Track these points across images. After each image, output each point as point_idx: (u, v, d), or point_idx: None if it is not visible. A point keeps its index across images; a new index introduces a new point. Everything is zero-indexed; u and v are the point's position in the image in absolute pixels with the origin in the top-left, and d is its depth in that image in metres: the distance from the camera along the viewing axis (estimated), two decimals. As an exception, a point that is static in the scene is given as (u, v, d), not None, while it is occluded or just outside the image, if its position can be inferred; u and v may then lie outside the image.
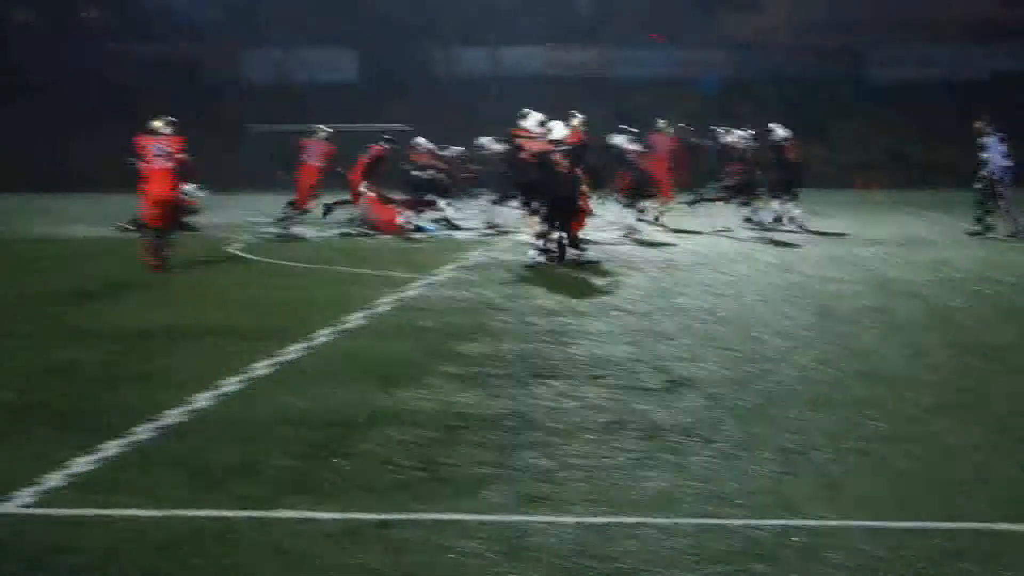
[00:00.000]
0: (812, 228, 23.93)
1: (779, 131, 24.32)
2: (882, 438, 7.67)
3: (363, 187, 24.38)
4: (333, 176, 25.09)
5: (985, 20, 64.73)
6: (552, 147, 18.75)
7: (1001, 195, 22.16)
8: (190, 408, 8.51)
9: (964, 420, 8.14)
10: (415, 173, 24.83)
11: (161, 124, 18.82)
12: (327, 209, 25.92)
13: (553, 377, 9.59)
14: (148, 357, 10.65)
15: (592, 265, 17.83)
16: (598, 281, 16.07)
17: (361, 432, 7.86)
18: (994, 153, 22.08)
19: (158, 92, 57.70)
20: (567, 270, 17.44)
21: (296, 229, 24.10)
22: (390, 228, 23.86)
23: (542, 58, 61.51)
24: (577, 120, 21.41)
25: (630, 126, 26.94)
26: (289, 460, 7.22)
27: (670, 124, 27.93)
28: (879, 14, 64.70)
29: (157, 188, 18.07)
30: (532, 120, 19.55)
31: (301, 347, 10.98)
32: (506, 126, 27.51)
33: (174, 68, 61.47)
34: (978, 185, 22.47)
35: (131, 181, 19.71)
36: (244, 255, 20.23)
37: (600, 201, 23.63)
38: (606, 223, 23.49)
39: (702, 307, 13.56)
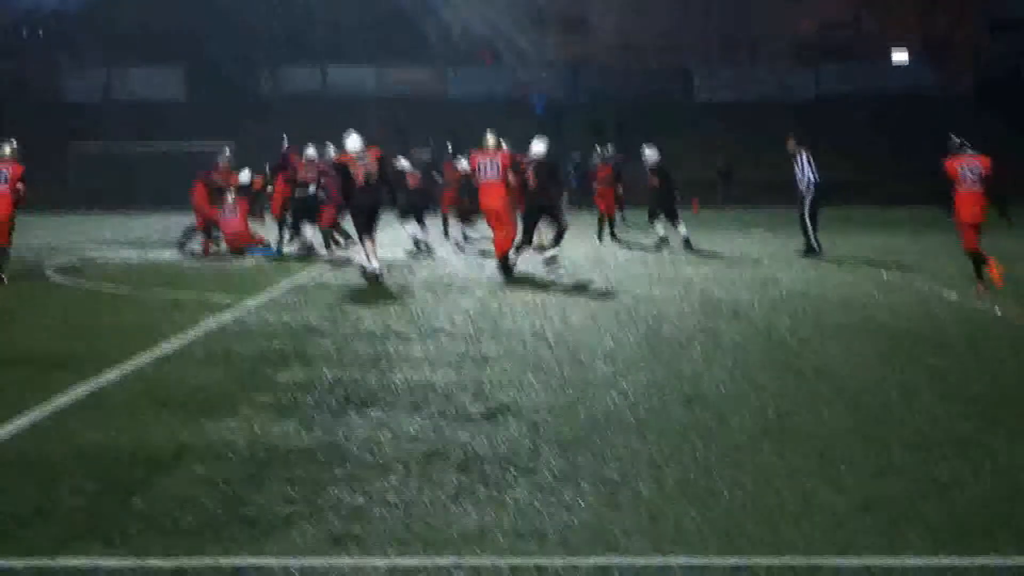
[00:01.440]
0: (643, 247, 23.92)
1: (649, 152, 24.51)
2: (706, 466, 7.47)
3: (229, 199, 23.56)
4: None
5: (809, 42, 66.09)
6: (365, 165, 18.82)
7: (803, 211, 22.29)
8: (-21, 446, 7.99)
9: (788, 445, 7.98)
10: (298, 190, 23.99)
11: (6, 148, 19.30)
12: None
13: (371, 406, 9.24)
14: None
15: (420, 285, 17.60)
16: (424, 303, 15.75)
17: (163, 469, 7.43)
18: (805, 170, 22.21)
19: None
20: (395, 292, 17.09)
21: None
22: (236, 243, 23.34)
23: (373, 78, 61.25)
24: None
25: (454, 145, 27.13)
26: (82, 501, 6.78)
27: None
28: (706, 35, 65.75)
29: None
30: (353, 142, 19.14)
31: (108, 377, 10.46)
32: (335, 146, 27.31)
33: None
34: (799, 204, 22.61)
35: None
36: (60, 279, 19.48)
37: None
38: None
39: (528, 330, 13.30)
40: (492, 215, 19.79)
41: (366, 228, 18.65)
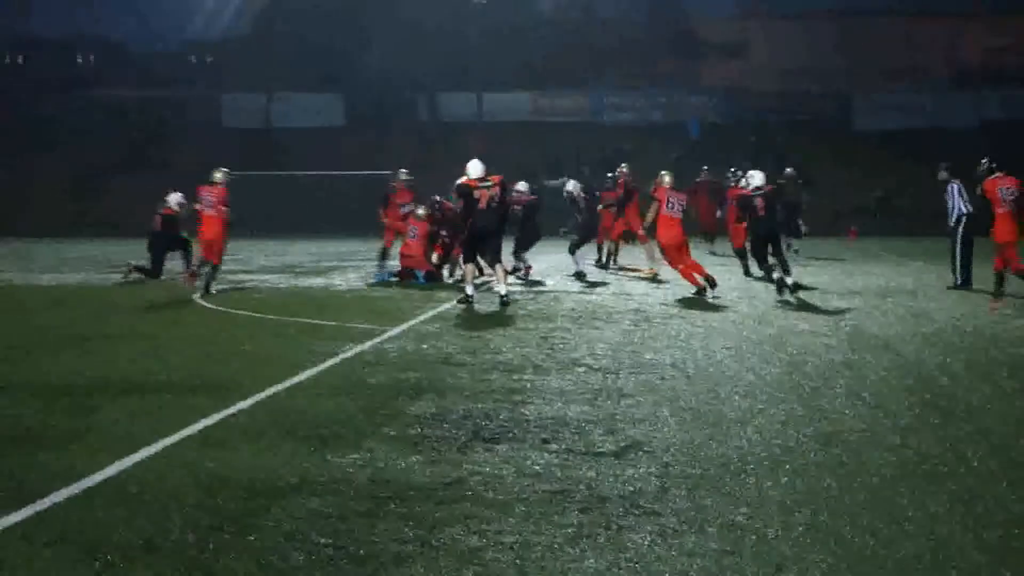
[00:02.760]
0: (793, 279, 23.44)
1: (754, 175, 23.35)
2: (838, 510, 7.17)
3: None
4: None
5: (971, 68, 64.79)
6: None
7: (955, 244, 21.57)
8: (103, 475, 7.99)
9: (927, 489, 7.63)
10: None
11: (217, 175, 22.15)
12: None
13: (498, 440, 9.08)
14: (73, 415, 10.10)
15: (566, 315, 17.46)
16: (565, 334, 15.55)
17: (280, 502, 7.34)
18: (956, 201, 21.53)
19: (143, 138, 57.89)
20: (539, 321, 16.92)
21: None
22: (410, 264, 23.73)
23: (527, 103, 61.46)
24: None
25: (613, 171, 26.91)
26: (195, 535, 6.71)
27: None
28: (866, 60, 64.93)
29: (208, 231, 21.72)
30: (475, 168, 19.44)
31: (239, 406, 10.46)
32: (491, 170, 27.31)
33: (158, 112, 61.60)
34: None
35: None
36: (207, 304, 19.68)
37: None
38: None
39: (668, 362, 13.04)
40: (674, 249, 20.98)
41: (475, 252, 19.72)
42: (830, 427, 9.56)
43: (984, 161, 18.72)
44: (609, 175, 27.62)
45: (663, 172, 21.96)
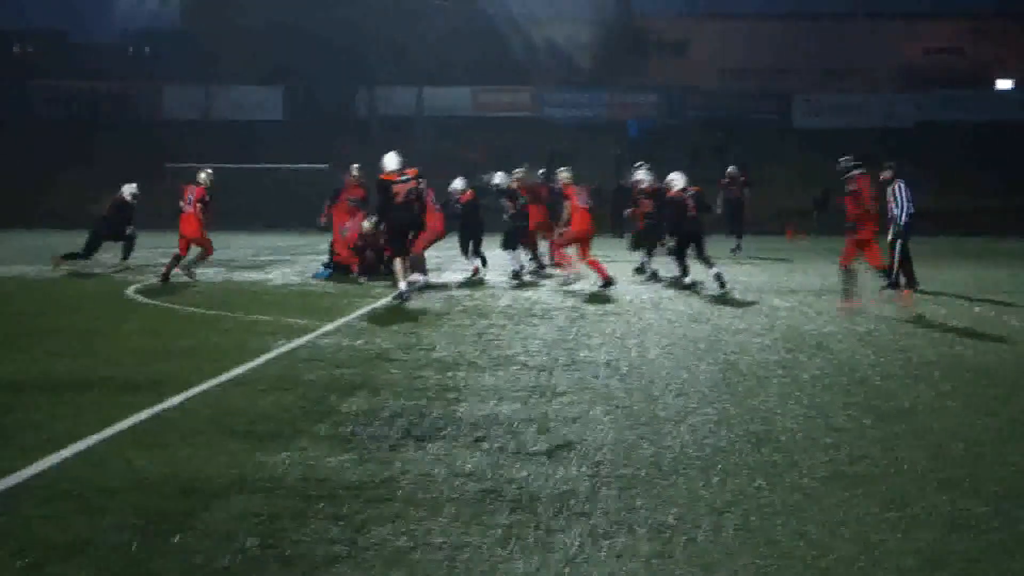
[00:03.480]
0: (728, 278, 23.51)
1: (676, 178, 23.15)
2: (769, 512, 7.17)
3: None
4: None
5: (912, 69, 65.36)
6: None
7: (895, 243, 21.66)
8: (31, 472, 7.88)
9: (858, 491, 7.65)
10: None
11: (200, 175, 23.36)
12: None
13: (430, 439, 9.04)
14: (4, 413, 9.91)
15: (502, 311, 17.44)
16: (501, 331, 15.51)
17: (210, 503, 7.27)
18: (901, 201, 21.59)
19: (90, 128, 57.40)
20: (475, 317, 16.88)
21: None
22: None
23: (470, 99, 61.46)
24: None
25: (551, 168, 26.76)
26: (123, 536, 6.62)
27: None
28: (808, 60, 65.43)
29: (184, 227, 22.75)
30: (391, 161, 19.49)
31: (173, 401, 10.37)
32: (432, 165, 27.29)
33: (98, 104, 61.14)
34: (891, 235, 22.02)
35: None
36: (142, 299, 19.49)
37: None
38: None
39: (603, 360, 13.04)
40: (587, 241, 21.85)
41: (402, 247, 19.34)
42: (763, 427, 9.58)
43: (848, 158, 19.02)
44: (540, 172, 27.43)
45: (561, 170, 22.98)
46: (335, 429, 9.37)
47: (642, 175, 23.81)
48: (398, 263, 19.23)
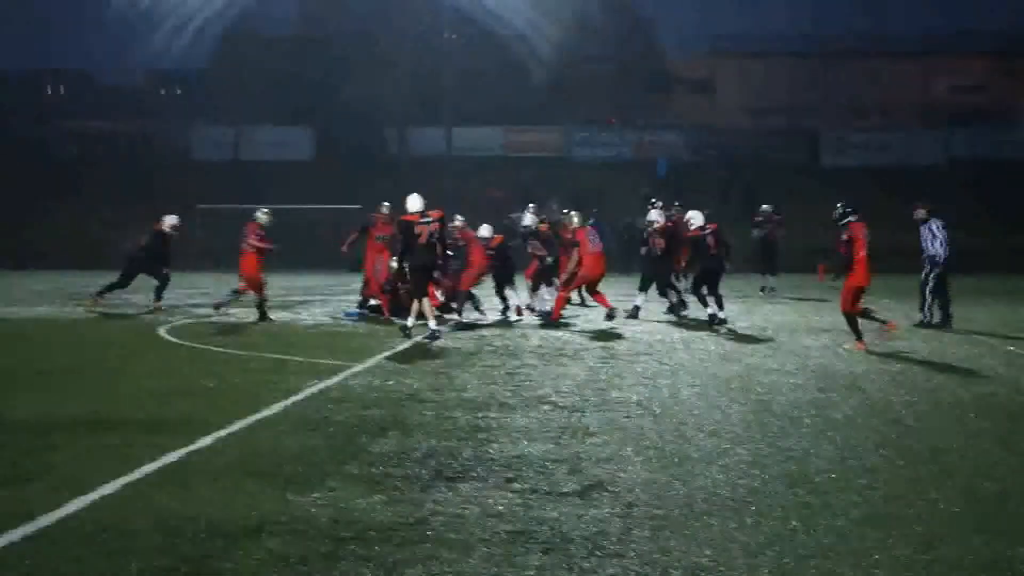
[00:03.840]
0: (761, 316, 23.44)
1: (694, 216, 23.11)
2: (803, 554, 7.10)
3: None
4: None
5: (938, 106, 65.27)
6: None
7: (927, 282, 21.65)
8: (60, 514, 7.86)
9: (892, 533, 7.57)
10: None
11: (258, 215, 23.38)
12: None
13: (461, 479, 8.99)
14: (31, 453, 9.92)
15: (532, 351, 17.41)
16: (531, 371, 15.47)
17: (238, 545, 7.23)
18: (938, 240, 21.61)
19: (105, 168, 57.76)
20: (505, 358, 16.83)
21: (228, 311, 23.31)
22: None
23: (499, 138, 61.64)
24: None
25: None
26: (151, 578, 6.59)
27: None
28: (833, 98, 65.43)
29: (242, 265, 23.07)
30: (414, 203, 19.77)
31: (201, 443, 10.33)
32: (460, 205, 27.33)
33: (123, 144, 61.59)
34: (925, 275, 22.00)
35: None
36: (172, 339, 19.52)
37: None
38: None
39: (634, 400, 12.98)
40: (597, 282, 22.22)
41: (423, 288, 19.48)
42: (796, 468, 9.50)
43: (840, 205, 19.09)
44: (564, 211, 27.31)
45: (572, 213, 23.04)
46: (365, 470, 9.33)
47: (655, 215, 23.73)
48: (426, 304, 19.37)
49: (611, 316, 21.71)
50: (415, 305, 19.55)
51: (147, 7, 64.61)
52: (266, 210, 23.60)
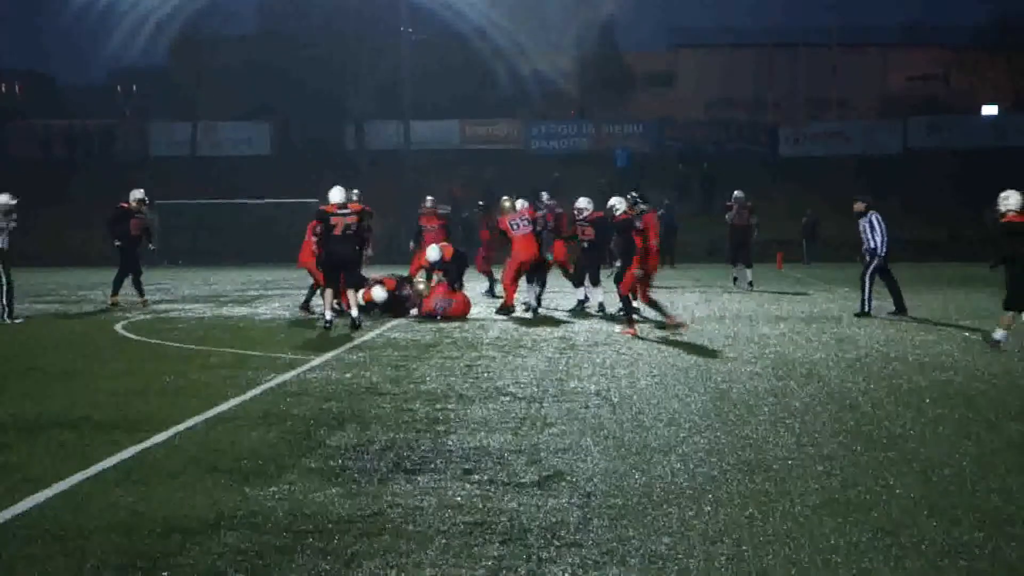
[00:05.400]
0: (719, 306, 23.50)
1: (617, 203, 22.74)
2: (761, 541, 7.11)
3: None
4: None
5: (896, 96, 65.62)
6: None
7: (867, 271, 21.73)
8: (10, 514, 7.78)
9: (850, 519, 7.58)
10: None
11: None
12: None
13: (420, 471, 8.97)
14: (-14, 452, 9.86)
15: (491, 343, 17.39)
16: (490, 362, 15.45)
17: (195, 541, 7.17)
18: (876, 232, 21.68)
19: (67, 166, 57.48)
20: (464, 349, 16.81)
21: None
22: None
23: (456, 132, 61.63)
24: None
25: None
26: (108, 575, 6.53)
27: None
28: (792, 90, 65.77)
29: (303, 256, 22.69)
30: (335, 195, 20.19)
31: (157, 439, 10.26)
32: (419, 198, 27.29)
33: (83, 142, 61.34)
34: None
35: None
36: (129, 335, 19.41)
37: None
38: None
39: (593, 391, 12.98)
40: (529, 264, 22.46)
41: (333, 278, 19.95)
42: (754, 455, 9.52)
43: (633, 195, 19.46)
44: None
45: (503, 198, 23.42)
46: (323, 463, 9.29)
47: (583, 203, 23.14)
48: (328, 294, 20.06)
49: (505, 310, 22.48)
50: (352, 296, 20.07)
51: (104, 6, 64.17)
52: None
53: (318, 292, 22.14)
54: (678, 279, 34.42)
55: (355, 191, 24.35)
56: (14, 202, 20.97)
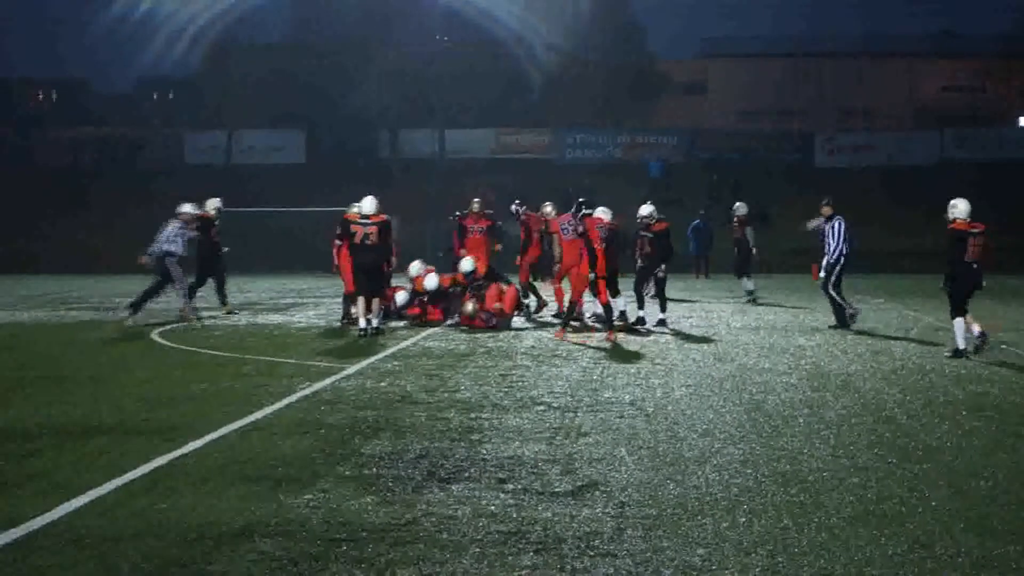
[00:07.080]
0: (754, 316, 23.43)
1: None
2: (796, 552, 7.08)
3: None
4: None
5: (929, 107, 65.38)
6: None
7: (829, 281, 21.49)
8: (47, 519, 7.82)
9: (885, 531, 7.55)
10: None
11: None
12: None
13: (454, 480, 8.97)
14: (19, 459, 9.84)
15: (526, 352, 17.39)
16: (525, 372, 15.45)
17: (229, 547, 7.20)
18: (839, 238, 21.53)
19: (91, 174, 57.79)
20: (499, 359, 16.81)
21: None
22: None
23: (490, 141, 61.69)
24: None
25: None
26: (140, 581, 6.57)
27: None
28: (824, 100, 65.62)
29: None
30: (363, 205, 20.54)
31: (191, 446, 10.30)
32: (453, 206, 27.25)
33: (109, 149, 61.70)
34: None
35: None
36: (165, 343, 19.47)
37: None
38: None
39: (627, 400, 12.96)
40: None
41: (361, 285, 20.27)
42: (789, 467, 9.49)
43: (581, 201, 19.87)
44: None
45: (545, 204, 23.02)
46: (358, 471, 9.31)
47: (647, 211, 23.00)
48: (361, 301, 20.21)
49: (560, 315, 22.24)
50: (363, 305, 20.20)
51: (140, 15, 64.49)
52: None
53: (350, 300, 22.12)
54: (713, 290, 34.27)
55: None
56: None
